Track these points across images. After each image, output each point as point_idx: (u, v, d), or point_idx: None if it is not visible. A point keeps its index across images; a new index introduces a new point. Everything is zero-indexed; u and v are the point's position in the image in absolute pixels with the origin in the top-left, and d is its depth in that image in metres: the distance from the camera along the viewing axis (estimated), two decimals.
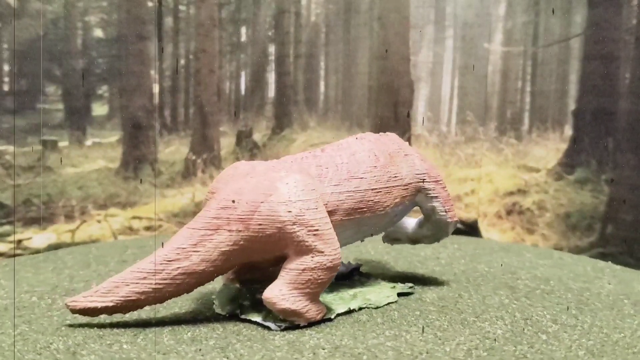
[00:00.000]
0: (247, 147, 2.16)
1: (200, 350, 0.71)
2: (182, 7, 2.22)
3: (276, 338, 0.77)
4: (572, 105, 2.09)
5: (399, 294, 0.93)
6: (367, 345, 0.73)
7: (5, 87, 2.02)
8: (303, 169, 0.83)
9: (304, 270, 0.78)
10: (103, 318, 0.79)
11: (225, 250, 0.76)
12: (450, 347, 0.73)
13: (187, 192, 2.08)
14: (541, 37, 2.15)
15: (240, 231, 0.76)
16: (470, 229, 2.07)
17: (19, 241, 1.87)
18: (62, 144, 2.02)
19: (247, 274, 0.88)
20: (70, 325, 0.77)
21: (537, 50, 2.15)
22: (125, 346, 0.70)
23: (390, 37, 2.16)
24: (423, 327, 0.78)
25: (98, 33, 2.11)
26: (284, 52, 2.23)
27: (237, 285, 0.88)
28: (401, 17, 2.16)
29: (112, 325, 0.78)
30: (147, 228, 2.00)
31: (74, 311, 0.76)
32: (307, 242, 0.77)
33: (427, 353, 0.71)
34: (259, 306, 0.83)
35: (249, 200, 0.77)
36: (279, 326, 0.80)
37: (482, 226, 2.09)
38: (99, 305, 0.74)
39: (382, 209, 0.88)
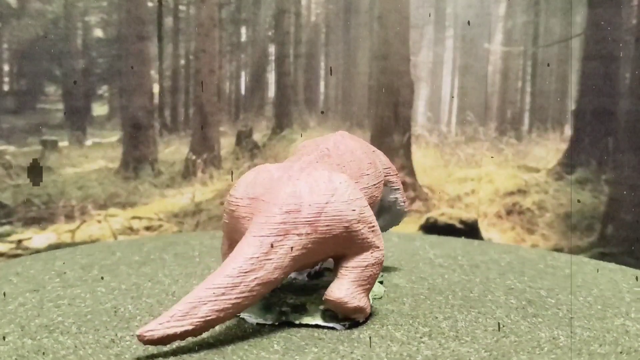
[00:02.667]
0: (247, 147, 2.16)
1: None
2: (182, 7, 2.22)
3: (361, 337, 0.77)
4: (572, 105, 2.09)
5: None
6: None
7: (6, 87, 2.02)
8: (333, 168, 0.83)
9: (366, 267, 0.78)
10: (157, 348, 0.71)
11: (295, 255, 0.74)
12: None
13: (187, 192, 2.08)
14: (541, 37, 2.16)
15: (309, 234, 0.75)
16: (470, 229, 2.07)
17: (19, 241, 1.87)
18: (62, 144, 2.02)
19: None
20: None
21: (537, 50, 2.15)
22: None
23: (390, 37, 2.16)
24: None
25: (98, 33, 2.11)
26: (284, 52, 2.23)
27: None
28: (401, 17, 2.16)
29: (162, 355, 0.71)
30: (147, 228, 2.00)
31: (150, 342, 0.67)
32: (368, 238, 0.78)
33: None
34: (302, 309, 0.82)
35: (313, 203, 0.76)
36: (343, 325, 0.80)
37: (482, 226, 2.09)
38: (178, 330, 0.68)
39: (376, 203, 0.91)
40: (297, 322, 0.80)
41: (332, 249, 0.78)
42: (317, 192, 0.77)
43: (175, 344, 0.70)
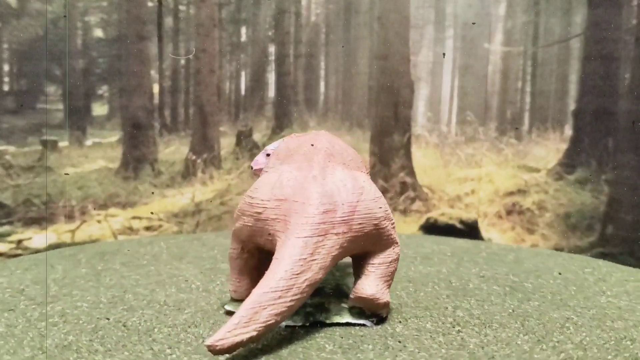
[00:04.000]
0: (247, 147, 2.16)
1: None
2: (182, 7, 2.22)
3: (398, 330, 0.78)
4: (572, 105, 2.09)
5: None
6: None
7: (6, 87, 2.02)
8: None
9: (390, 262, 0.80)
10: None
11: (334, 255, 0.75)
12: None
13: (187, 192, 2.08)
14: (541, 37, 2.16)
15: (345, 233, 0.76)
16: (470, 229, 2.07)
17: (19, 241, 1.87)
18: (62, 144, 2.02)
19: None
20: None
21: (537, 50, 2.15)
22: None
23: (390, 37, 2.16)
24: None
25: (98, 33, 2.11)
26: (284, 52, 2.23)
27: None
28: (401, 17, 2.16)
29: None
30: (147, 228, 2.00)
31: (221, 351, 0.66)
32: (392, 235, 0.80)
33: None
34: (323, 308, 0.83)
35: (346, 202, 0.77)
36: (372, 321, 0.81)
37: (482, 226, 2.09)
38: (244, 337, 0.67)
39: None
40: (327, 321, 0.80)
41: (362, 247, 0.79)
42: (346, 191, 0.78)
43: (233, 352, 0.69)
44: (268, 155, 0.99)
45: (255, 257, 0.83)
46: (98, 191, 1.99)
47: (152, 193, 1.98)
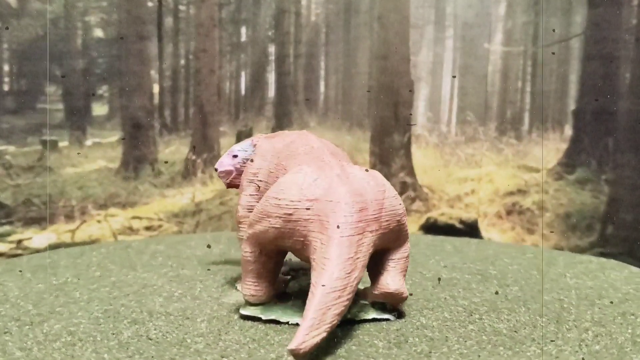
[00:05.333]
0: None
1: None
2: (182, 7, 2.22)
3: (426, 323, 0.81)
4: (572, 105, 2.09)
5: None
6: None
7: (6, 87, 2.02)
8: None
9: (407, 257, 0.82)
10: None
11: (369, 252, 0.76)
12: None
13: (187, 192, 2.08)
14: (541, 37, 2.16)
15: (376, 230, 0.77)
16: (470, 229, 2.07)
17: (19, 241, 1.87)
18: (62, 144, 2.02)
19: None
20: None
21: (537, 50, 2.15)
22: None
23: (390, 37, 2.16)
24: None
25: (98, 33, 2.12)
26: (284, 52, 2.23)
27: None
28: (401, 17, 2.16)
29: None
30: (147, 228, 2.00)
31: (304, 354, 0.67)
32: (407, 230, 0.83)
33: None
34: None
35: (374, 199, 0.78)
36: (394, 315, 0.83)
37: (482, 226, 2.09)
38: (319, 339, 0.68)
39: None
40: (357, 318, 0.81)
41: (385, 243, 0.80)
42: (371, 189, 0.79)
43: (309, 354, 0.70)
44: (235, 156, 0.98)
45: (273, 260, 0.82)
46: (98, 191, 1.99)
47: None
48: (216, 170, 0.99)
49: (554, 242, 1.98)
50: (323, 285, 0.71)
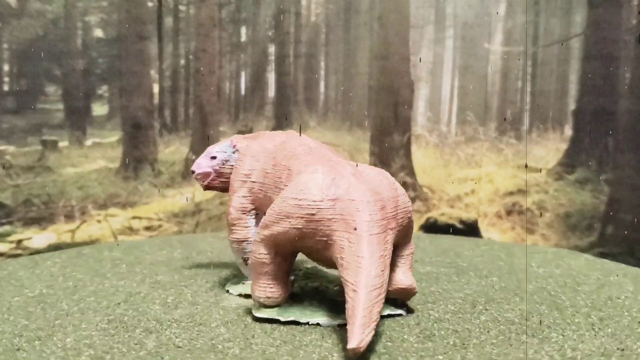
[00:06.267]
0: None
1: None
2: (182, 7, 2.22)
3: (438, 315, 0.83)
4: (572, 105, 2.09)
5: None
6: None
7: (6, 87, 2.02)
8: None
9: (412, 253, 0.85)
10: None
11: (392, 249, 0.78)
12: None
13: (187, 192, 2.08)
14: (541, 37, 2.16)
15: (394, 228, 0.79)
16: (470, 229, 2.07)
17: (19, 241, 1.87)
18: (62, 144, 2.02)
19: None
20: None
21: (537, 50, 2.15)
22: None
23: (390, 37, 2.16)
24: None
25: (98, 33, 2.12)
26: (284, 52, 2.23)
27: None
28: (401, 17, 2.16)
29: None
30: (147, 228, 2.00)
31: (362, 353, 0.68)
32: (413, 228, 0.85)
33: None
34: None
35: (390, 197, 0.80)
36: (405, 310, 0.84)
37: (482, 226, 2.09)
38: (371, 336, 0.69)
39: None
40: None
41: (398, 240, 0.81)
42: (385, 187, 0.80)
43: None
44: (213, 157, 0.96)
45: (288, 261, 0.82)
46: (98, 191, 1.99)
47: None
48: (193, 172, 0.97)
49: (553, 242, 1.98)
50: (353, 284, 0.71)
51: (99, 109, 2.12)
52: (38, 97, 2.03)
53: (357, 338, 0.67)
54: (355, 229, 0.74)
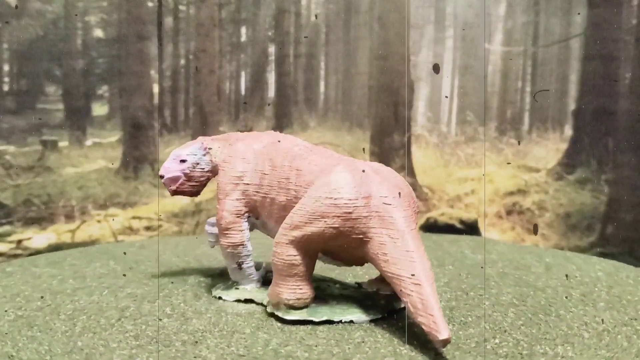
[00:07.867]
0: None
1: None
2: (182, 7, 2.22)
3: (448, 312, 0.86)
4: (572, 105, 2.09)
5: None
6: None
7: (6, 87, 2.02)
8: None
9: None
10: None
11: None
12: None
13: None
14: (541, 37, 2.16)
15: (415, 221, 0.82)
16: (470, 229, 2.07)
17: (19, 241, 1.87)
18: (62, 144, 2.02)
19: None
20: None
21: (537, 50, 2.15)
22: None
23: (390, 37, 2.16)
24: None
25: (98, 33, 2.11)
26: (284, 52, 2.23)
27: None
28: (401, 17, 2.16)
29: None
30: (147, 228, 2.00)
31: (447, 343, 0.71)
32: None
33: None
34: (366, 301, 0.86)
35: (408, 193, 0.83)
36: (402, 309, 0.85)
37: (482, 226, 2.09)
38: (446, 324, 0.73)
39: None
40: (385, 314, 0.84)
41: None
42: (402, 183, 0.83)
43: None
44: (183, 161, 0.93)
45: (314, 261, 0.83)
46: (98, 191, 1.99)
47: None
48: (162, 177, 0.94)
49: (553, 242, 1.98)
50: (412, 275, 0.74)
51: (99, 109, 2.12)
52: (38, 97, 2.03)
53: (444, 329, 0.70)
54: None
